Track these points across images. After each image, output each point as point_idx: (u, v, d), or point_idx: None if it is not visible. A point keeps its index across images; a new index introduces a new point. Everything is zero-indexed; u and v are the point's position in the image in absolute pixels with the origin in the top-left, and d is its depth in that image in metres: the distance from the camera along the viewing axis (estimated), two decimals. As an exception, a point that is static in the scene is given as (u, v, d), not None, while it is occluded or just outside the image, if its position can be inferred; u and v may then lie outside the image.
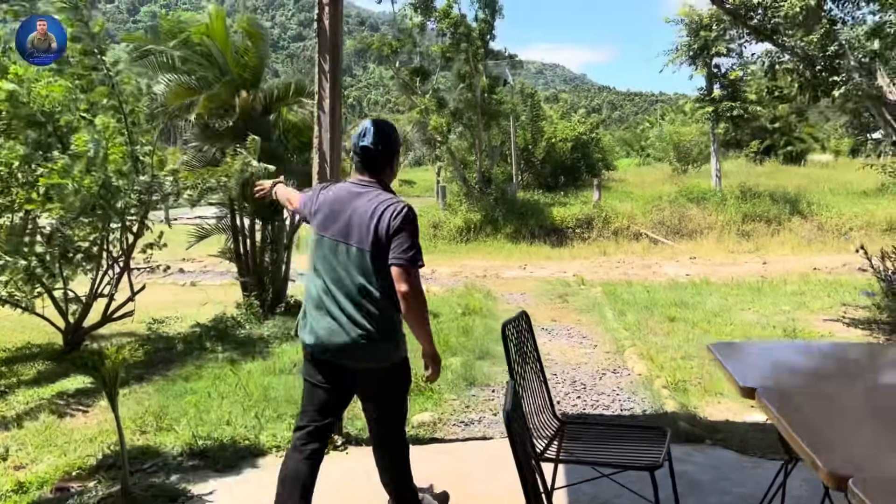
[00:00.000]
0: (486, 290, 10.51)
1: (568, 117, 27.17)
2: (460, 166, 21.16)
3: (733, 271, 12.47)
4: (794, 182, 22.54)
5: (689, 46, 19.47)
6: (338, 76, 3.94)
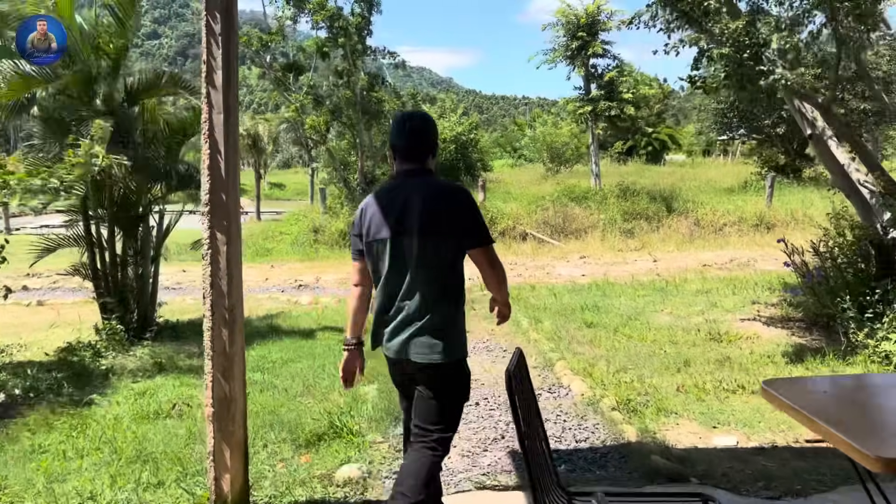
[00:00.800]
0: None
1: (447, 117, 26.78)
2: (341, 167, 20.15)
3: (628, 270, 12.38)
4: (662, 181, 23.34)
5: (566, 47, 19.56)
6: (233, 41, 3.01)
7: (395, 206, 2.66)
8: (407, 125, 2.75)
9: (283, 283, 13.45)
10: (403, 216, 2.63)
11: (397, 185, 2.74)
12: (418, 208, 2.60)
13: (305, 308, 9.77)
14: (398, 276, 2.65)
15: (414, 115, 2.85)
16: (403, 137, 2.73)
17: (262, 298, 11.09)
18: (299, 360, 6.37)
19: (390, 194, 2.73)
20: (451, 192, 2.69)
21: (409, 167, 2.74)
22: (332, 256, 17.57)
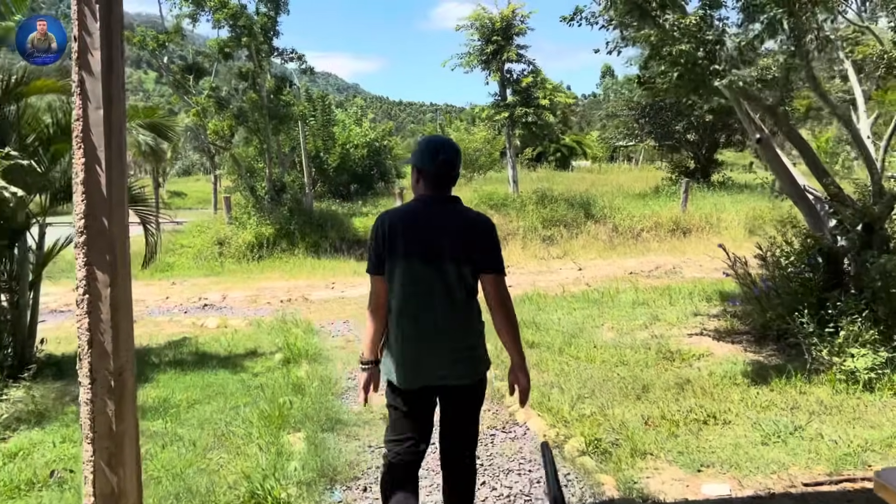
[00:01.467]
0: (303, 321, 8.82)
1: (360, 123, 25.92)
2: (247, 175, 18.96)
3: (555, 280, 12.00)
4: (575, 187, 23.38)
5: (481, 51, 19.17)
6: (116, 11, 2.21)
7: (429, 230, 2.72)
8: (440, 155, 2.79)
9: (187, 301, 12.31)
10: (440, 241, 2.69)
11: (429, 210, 2.78)
12: (461, 237, 2.71)
13: (212, 332, 8.78)
14: (433, 300, 2.71)
15: (447, 146, 2.85)
16: (436, 165, 2.78)
17: (163, 321, 9.98)
18: (208, 400, 5.49)
19: (423, 217, 2.76)
20: (479, 222, 2.80)
21: (438, 194, 2.80)
22: (240, 271, 16.42)
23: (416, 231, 2.73)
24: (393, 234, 2.74)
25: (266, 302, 11.53)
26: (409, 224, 2.75)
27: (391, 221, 2.78)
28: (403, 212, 2.85)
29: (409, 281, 2.71)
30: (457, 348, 2.75)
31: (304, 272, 15.38)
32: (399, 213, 2.84)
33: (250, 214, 18.42)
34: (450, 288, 2.71)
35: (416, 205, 2.84)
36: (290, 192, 19.45)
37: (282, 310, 10.42)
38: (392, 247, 2.73)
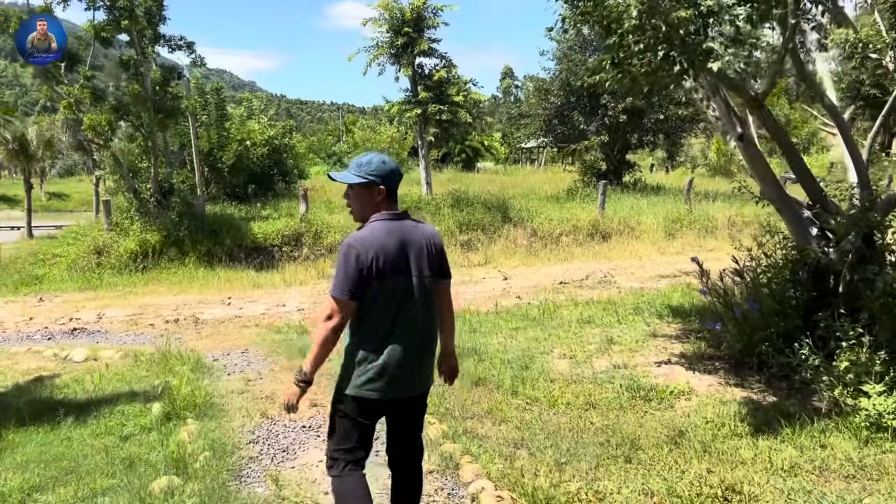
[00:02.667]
0: (191, 352, 7.28)
1: (257, 119, 24.01)
2: (129, 175, 16.86)
3: (482, 291, 10.93)
4: (484, 188, 22.53)
5: (390, 43, 17.91)
6: None
7: (408, 246, 2.84)
8: (399, 172, 2.97)
9: (54, 323, 10.44)
10: (417, 257, 2.86)
11: (398, 227, 2.86)
12: (426, 250, 2.90)
13: (78, 369, 7.10)
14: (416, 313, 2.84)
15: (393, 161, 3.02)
16: (397, 183, 2.97)
17: (19, 353, 8.15)
18: (53, 486, 3.97)
19: (397, 235, 2.83)
20: (437, 234, 3.03)
21: (397, 210, 2.93)
22: (121, 284, 14.43)
23: (400, 250, 2.81)
24: (375, 256, 2.75)
25: (149, 324, 9.83)
26: (393, 245, 2.80)
27: (370, 248, 2.76)
28: (381, 234, 2.82)
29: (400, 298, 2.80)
30: (432, 356, 3.01)
31: (196, 285, 13.63)
32: (377, 237, 2.80)
33: (133, 220, 16.37)
34: (430, 300, 2.92)
35: (389, 224, 2.85)
36: (179, 194, 17.49)
37: (167, 335, 8.80)
38: (381, 271, 2.76)
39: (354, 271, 2.72)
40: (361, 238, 2.79)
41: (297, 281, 13.33)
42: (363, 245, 2.75)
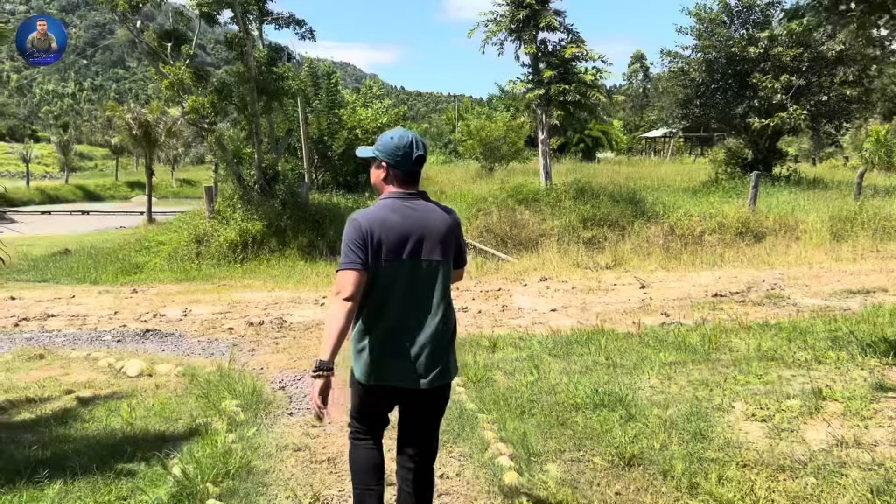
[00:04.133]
0: (255, 373, 5.90)
1: (371, 105, 22.95)
2: (234, 161, 16.07)
3: (614, 302, 9.01)
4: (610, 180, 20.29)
5: (511, 17, 16.10)
6: None
7: (414, 227, 2.68)
8: (416, 151, 2.73)
9: (136, 320, 9.51)
10: (426, 238, 2.68)
11: (407, 206, 2.71)
12: (439, 231, 2.71)
13: (126, 388, 5.88)
14: (419, 299, 2.69)
15: (421, 142, 2.79)
16: (410, 163, 2.73)
17: (76, 360, 7.11)
18: None
19: (403, 214, 2.68)
20: (453, 217, 2.82)
21: (410, 190, 2.76)
22: (217, 275, 13.57)
23: (405, 230, 2.66)
24: (380, 234, 2.62)
25: (228, 327, 8.63)
26: (397, 224, 2.66)
27: (373, 222, 2.64)
28: (386, 211, 2.68)
29: (402, 280, 2.66)
30: (447, 346, 2.76)
31: (292, 280, 12.48)
32: (380, 214, 2.67)
33: (235, 208, 15.57)
34: (444, 285, 2.75)
35: (395, 203, 2.71)
36: (284, 181, 16.55)
37: (242, 343, 7.54)
38: (384, 248, 2.62)
39: (359, 240, 2.60)
40: (365, 212, 2.70)
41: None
42: (366, 218, 2.65)
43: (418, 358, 2.67)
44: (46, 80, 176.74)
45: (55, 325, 9.44)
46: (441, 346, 2.71)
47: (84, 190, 59.31)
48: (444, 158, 42.37)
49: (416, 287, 2.67)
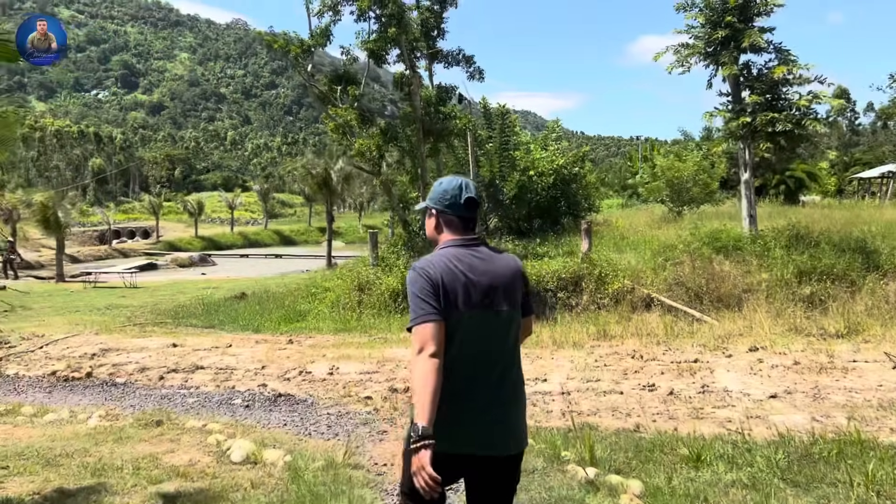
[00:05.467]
0: (370, 473, 4.55)
1: (549, 147, 21.57)
2: (399, 205, 15.33)
3: (857, 389, 6.69)
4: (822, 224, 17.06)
5: (707, 39, 14.03)
6: None
7: (482, 275, 2.50)
8: (463, 194, 2.59)
9: (279, 377, 8.77)
10: (495, 287, 2.50)
11: (467, 253, 2.53)
12: (507, 279, 2.54)
13: (222, 479, 4.78)
14: (491, 354, 2.49)
15: (470, 185, 2.63)
16: (461, 207, 2.58)
17: (190, 429, 6.25)
18: None
19: (468, 262, 2.51)
20: (517, 263, 2.64)
21: (469, 236, 2.60)
22: (375, 327, 12.67)
23: (473, 279, 2.46)
24: (449, 285, 2.43)
25: (366, 396, 7.45)
26: (463, 272, 2.47)
27: (440, 271, 2.45)
28: (448, 259, 2.49)
29: (478, 336, 2.44)
30: (523, 407, 2.56)
31: (451, 336, 11.20)
32: (445, 263, 2.48)
33: (399, 254, 14.74)
34: (516, 338, 2.59)
35: (457, 251, 2.53)
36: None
37: (373, 422, 6.30)
38: (448, 299, 2.41)
39: (430, 289, 2.39)
40: (429, 260, 2.50)
41: (569, 341, 10.18)
42: (430, 265, 2.46)
43: (494, 421, 2.43)
44: (258, 136, 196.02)
45: (197, 380, 8.88)
46: (518, 407, 2.53)
47: (280, 235, 63.68)
48: (625, 202, 39.92)
49: (487, 341, 2.48)
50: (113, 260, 44.07)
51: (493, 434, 2.42)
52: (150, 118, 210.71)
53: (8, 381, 9.10)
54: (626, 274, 13.33)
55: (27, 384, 8.91)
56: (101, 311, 17.23)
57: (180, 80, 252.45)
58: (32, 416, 7.12)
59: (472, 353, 2.43)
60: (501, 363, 2.50)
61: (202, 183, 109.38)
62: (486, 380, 2.45)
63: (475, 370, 2.44)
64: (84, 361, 10.39)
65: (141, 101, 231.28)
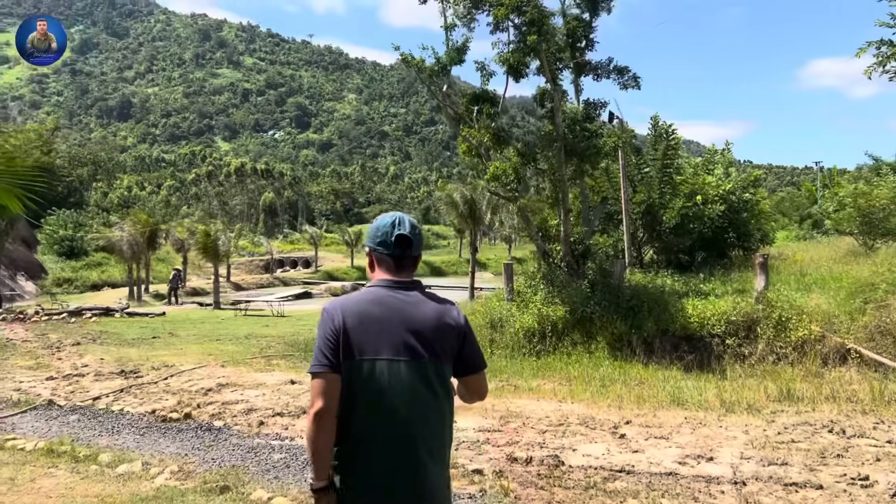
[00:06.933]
0: None
1: (714, 170, 19.19)
2: (538, 234, 13.83)
3: None
4: None
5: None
6: None
7: (398, 321, 2.32)
8: (396, 230, 2.42)
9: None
10: (412, 335, 2.32)
11: (391, 296, 2.37)
12: (428, 328, 2.34)
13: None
14: (395, 411, 2.27)
15: (403, 221, 2.46)
16: (391, 245, 2.42)
17: (255, 502, 5.10)
18: None
19: (387, 305, 2.35)
20: (453, 315, 2.41)
21: (398, 278, 2.42)
22: (507, 370, 11.20)
23: (385, 325, 2.30)
24: (354, 330, 2.29)
25: (475, 469, 5.98)
26: (378, 317, 2.32)
27: (348, 314, 2.32)
28: (360, 301, 2.37)
29: (381, 386, 2.27)
30: (433, 464, 2.31)
31: (592, 388, 9.49)
32: (358, 304, 2.35)
33: (537, 289, 13.20)
34: (433, 393, 2.32)
35: (379, 292, 2.38)
36: (595, 259, 13.78)
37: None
38: (350, 346, 2.28)
39: (329, 336, 2.28)
40: (340, 301, 2.38)
41: (741, 402, 8.11)
42: (338, 308, 2.33)
43: (401, 484, 2.23)
44: (416, 170, 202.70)
45: (298, 427, 7.89)
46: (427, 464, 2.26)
47: (430, 265, 64.08)
48: (802, 233, 35.61)
49: (393, 393, 2.24)
50: (273, 288, 45.91)
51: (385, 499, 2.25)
52: (319, 155, 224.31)
53: (111, 417, 8.60)
54: (814, 318, 10.91)
55: (126, 422, 8.34)
56: (240, 340, 17.12)
57: (347, 119, 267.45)
58: (107, 465, 6.37)
59: (373, 406, 2.26)
60: (410, 419, 2.27)
61: (363, 215, 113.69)
62: (387, 438, 2.26)
63: (374, 427, 2.27)
64: (197, 398, 9.81)
65: (312, 139, 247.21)
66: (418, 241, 2.47)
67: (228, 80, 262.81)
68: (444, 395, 2.35)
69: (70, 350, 15.58)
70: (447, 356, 2.34)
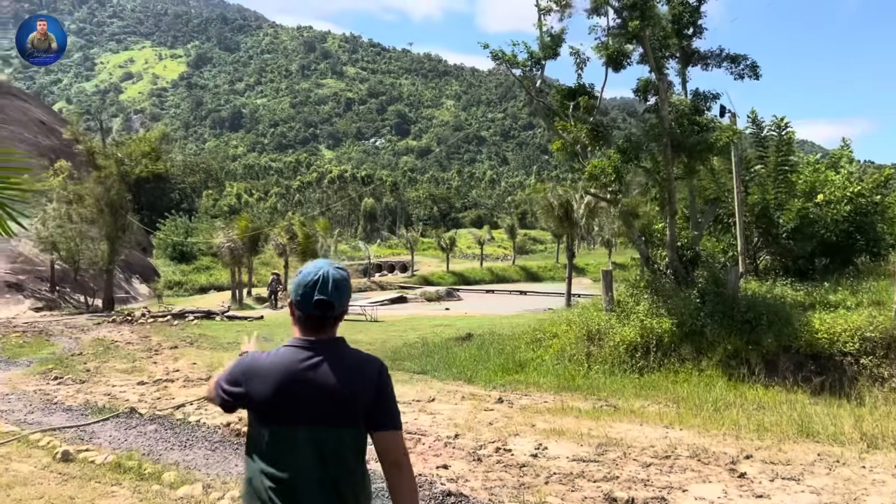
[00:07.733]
0: None
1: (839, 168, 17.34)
2: (640, 239, 12.74)
3: None
4: None
5: None
6: None
7: (304, 386, 2.14)
8: (315, 295, 2.17)
9: (469, 453, 7.11)
10: (314, 399, 2.13)
11: (301, 356, 2.17)
12: (338, 391, 2.14)
13: None
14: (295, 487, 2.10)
15: (325, 282, 2.18)
16: (310, 306, 2.17)
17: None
18: None
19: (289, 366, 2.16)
20: (372, 372, 2.21)
21: (314, 337, 2.21)
22: (606, 387, 10.26)
23: (292, 390, 2.13)
24: (252, 393, 2.15)
25: (583, 495, 5.20)
26: (274, 378, 2.14)
27: (251, 374, 2.17)
28: (272, 360, 2.18)
29: (286, 450, 2.11)
30: None
31: (704, 412, 8.43)
32: (264, 364, 2.18)
33: (639, 299, 12.13)
34: (337, 455, 2.14)
35: (289, 353, 2.19)
36: (707, 265, 12.53)
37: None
38: (259, 403, 2.15)
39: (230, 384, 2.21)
40: (254, 359, 2.22)
41: (886, 436, 6.84)
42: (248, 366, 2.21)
43: None
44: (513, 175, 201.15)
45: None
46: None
47: (526, 271, 62.99)
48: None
49: (294, 464, 2.09)
50: (370, 292, 46.24)
51: None
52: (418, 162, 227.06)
53: (187, 429, 8.32)
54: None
55: (201, 435, 8.03)
56: (330, 346, 16.85)
57: (446, 125, 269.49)
58: (169, 485, 5.98)
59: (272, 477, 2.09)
60: (313, 494, 2.08)
61: (460, 220, 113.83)
62: None
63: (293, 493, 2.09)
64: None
65: (411, 146, 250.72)
66: (343, 299, 2.22)
67: (332, 89, 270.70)
68: (354, 457, 2.17)
69: (167, 353, 15.81)
70: (359, 419, 2.15)
